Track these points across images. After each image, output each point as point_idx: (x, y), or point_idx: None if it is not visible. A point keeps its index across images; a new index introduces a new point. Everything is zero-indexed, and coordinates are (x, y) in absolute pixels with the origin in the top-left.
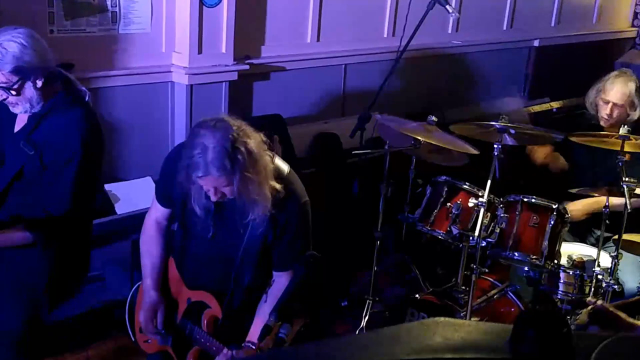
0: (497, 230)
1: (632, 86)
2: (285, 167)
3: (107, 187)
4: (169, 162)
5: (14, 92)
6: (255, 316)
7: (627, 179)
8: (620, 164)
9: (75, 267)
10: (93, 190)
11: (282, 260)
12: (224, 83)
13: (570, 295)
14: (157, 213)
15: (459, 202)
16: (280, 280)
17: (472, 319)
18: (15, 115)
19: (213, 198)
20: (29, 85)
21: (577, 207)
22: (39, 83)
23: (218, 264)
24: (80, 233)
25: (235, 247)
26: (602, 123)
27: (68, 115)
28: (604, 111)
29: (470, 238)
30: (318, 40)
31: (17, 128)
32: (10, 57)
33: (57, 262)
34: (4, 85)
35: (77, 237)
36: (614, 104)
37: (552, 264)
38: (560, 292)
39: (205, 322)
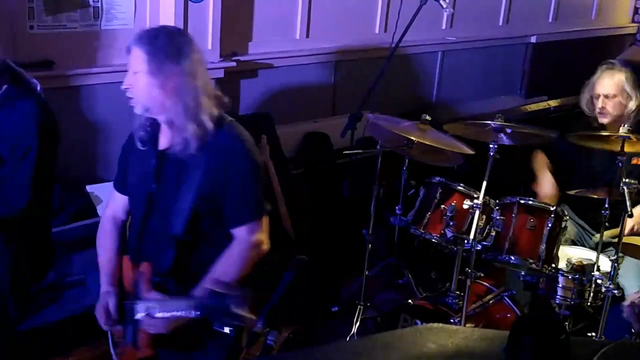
0: (493, 233)
1: (620, 76)
2: (228, 118)
3: (88, 188)
4: (124, 146)
5: None
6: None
7: (627, 180)
8: (620, 164)
9: (38, 266)
10: (50, 183)
11: (235, 210)
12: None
13: (568, 300)
14: (114, 206)
15: (453, 204)
16: (242, 240)
17: (467, 325)
18: None
19: (124, 83)
20: None
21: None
22: None
23: (158, 227)
24: (39, 230)
25: (171, 202)
26: (600, 120)
27: (20, 108)
28: (598, 106)
29: (465, 241)
30: (307, 36)
31: None
32: None
33: (18, 262)
34: None
35: (37, 234)
36: (605, 96)
37: (549, 268)
38: (558, 297)
39: (144, 288)
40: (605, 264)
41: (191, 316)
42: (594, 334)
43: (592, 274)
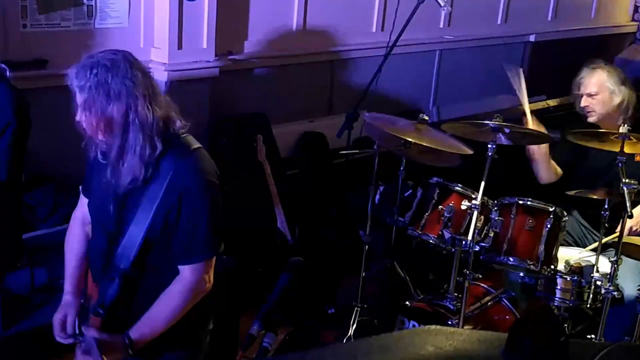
0: (491, 234)
1: (601, 73)
2: (195, 143)
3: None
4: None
5: None
6: (146, 313)
7: (627, 180)
8: (619, 164)
9: (10, 241)
10: (22, 161)
11: (183, 248)
12: (205, 79)
13: (567, 302)
14: (83, 208)
15: (451, 204)
16: (184, 277)
17: (465, 327)
18: None
19: (77, 117)
20: None
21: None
22: None
23: (109, 250)
24: (11, 209)
25: (123, 228)
26: (588, 119)
27: None
28: (582, 104)
29: (463, 242)
30: (304, 35)
31: None
32: None
33: None
34: None
35: (10, 212)
36: (588, 95)
37: (548, 270)
38: (557, 299)
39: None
40: (604, 265)
41: None
42: (593, 336)
43: (592, 275)
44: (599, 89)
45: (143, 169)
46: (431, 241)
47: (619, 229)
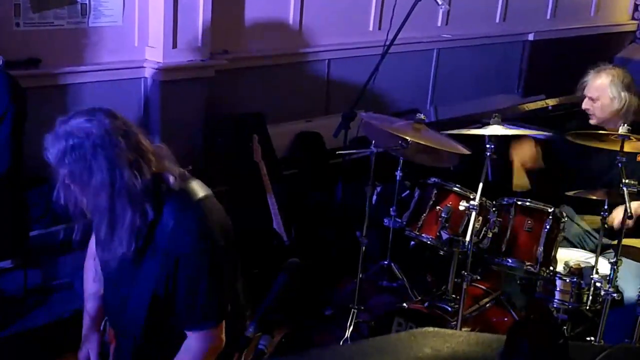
0: (490, 235)
1: (604, 78)
2: (200, 192)
3: None
4: None
5: None
6: None
7: (627, 181)
8: (619, 164)
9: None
10: (21, 148)
11: (186, 313)
12: (200, 79)
13: (566, 304)
14: (93, 250)
15: (449, 205)
16: (191, 345)
17: (463, 329)
18: None
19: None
20: None
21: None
22: None
23: (118, 304)
24: (14, 197)
25: (130, 285)
26: (590, 122)
27: None
28: (583, 107)
29: (461, 243)
30: (300, 33)
31: None
32: None
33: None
34: None
35: (12, 200)
36: (589, 98)
37: (547, 271)
38: (556, 300)
39: None
40: (604, 266)
41: None
42: (592, 338)
43: (591, 277)
44: (599, 94)
45: (133, 242)
46: (429, 242)
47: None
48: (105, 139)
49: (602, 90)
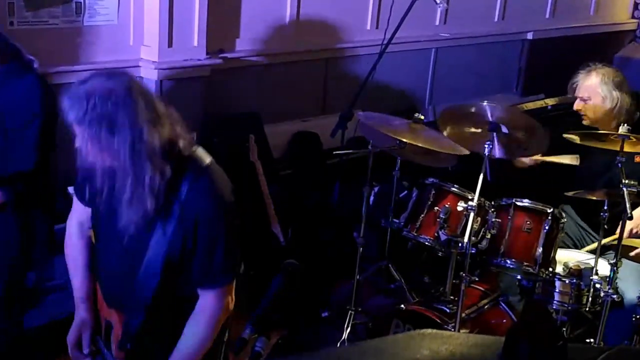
0: (488, 236)
1: (594, 78)
2: (207, 158)
3: (70, 189)
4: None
5: None
6: (175, 348)
7: (627, 181)
8: (619, 165)
9: (44, 229)
10: (50, 150)
11: (203, 271)
12: (196, 78)
13: (566, 305)
14: (79, 212)
15: (447, 205)
16: (207, 304)
17: (461, 331)
18: None
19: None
20: None
21: None
22: None
23: (127, 275)
24: (44, 193)
25: (140, 252)
26: (583, 122)
27: (24, 81)
28: (575, 108)
29: (460, 244)
30: (297, 33)
31: None
32: None
33: (27, 224)
34: None
35: (42, 199)
36: (580, 98)
37: (546, 272)
38: (555, 302)
39: (113, 346)
40: (603, 267)
41: None
42: (592, 340)
43: (591, 278)
44: (590, 94)
45: (154, 201)
46: (427, 243)
47: (618, 230)
48: (127, 98)
49: (592, 90)
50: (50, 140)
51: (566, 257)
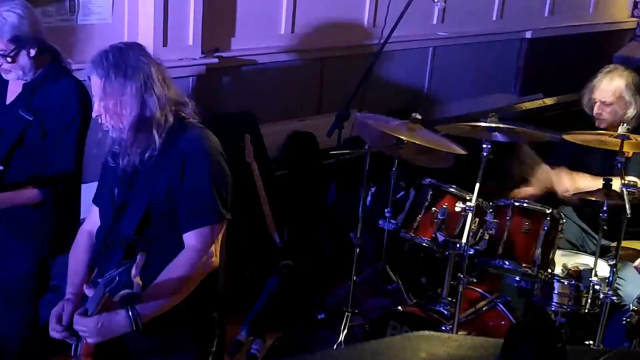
0: (486, 237)
1: (619, 82)
2: (202, 126)
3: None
4: (103, 163)
5: (9, 60)
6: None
7: (626, 182)
8: (619, 165)
9: (71, 222)
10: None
11: (187, 213)
12: (191, 78)
13: (565, 307)
14: (92, 221)
15: (444, 206)
16: (190, 247)
17: (459, 333)
18: (5, 89)
19: (94, 112)
20: (23, 53)
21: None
22: (33, 52)
23: (115, 234)
24: (75, 192)
25: (128, 202)
26: (597, 124)
27: (62, 84)
28: (594, 111)
29: (457, 245)
30: (292, 31)
31: (10, 99)
32: (9, 26)
33: (58, 219)
34: (1, 52)
35: (74, 195)
36: (602, 102)
37: (545, 274)
38: (554, 303)
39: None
40: (603, 269)
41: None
42: (591, 342)
43: (590, 279)
44: (615, 99)
45: (157, 139)
46: (424, 244)
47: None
48: (140, 50)
49: (617, 94)
50: (84, 143)
51: (565, 259)
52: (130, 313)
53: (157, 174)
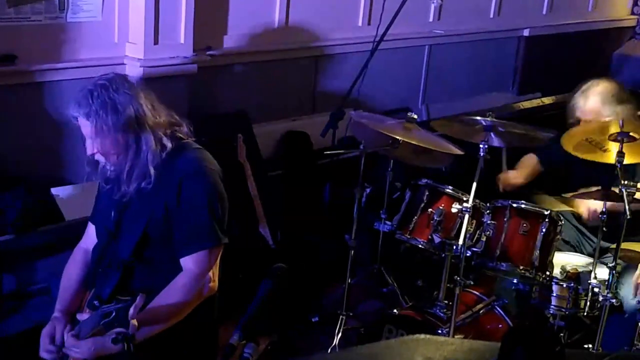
0: (483, 239)
1: (594, 100)
2: (198, 146)
3: (53, 191)
4: (99, 183)
5: None
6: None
7: (626, 182)
8: (618, 165)
9: None
10: None
11: (184, 237)
12: (182, 76)
13: (563, 310)
14: (88, 239)
15: (441, 207)
16: (187, 271)
17: (456, 336)
18: None
19: (88, 150)
20: None
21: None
22: None
23: (112, 256)
24: None
25: (126, 224)
26: None
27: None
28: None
29: (454, 247)
30: (286, 29)
31: None
32: None
33: None
34: None
35: None
36: (585, 121)
37: (543, 276)
38: (552, 306)
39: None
40: (602, 271)
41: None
42: (590, 345)
43: (589, 282)
44: (594, 116)
45: (153, 172)
46: (420, 246)
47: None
48: (124, 83)
49: (595, 112)
50: None
51: (564, 261)
52: (124, 345)
53: (154, 196)
